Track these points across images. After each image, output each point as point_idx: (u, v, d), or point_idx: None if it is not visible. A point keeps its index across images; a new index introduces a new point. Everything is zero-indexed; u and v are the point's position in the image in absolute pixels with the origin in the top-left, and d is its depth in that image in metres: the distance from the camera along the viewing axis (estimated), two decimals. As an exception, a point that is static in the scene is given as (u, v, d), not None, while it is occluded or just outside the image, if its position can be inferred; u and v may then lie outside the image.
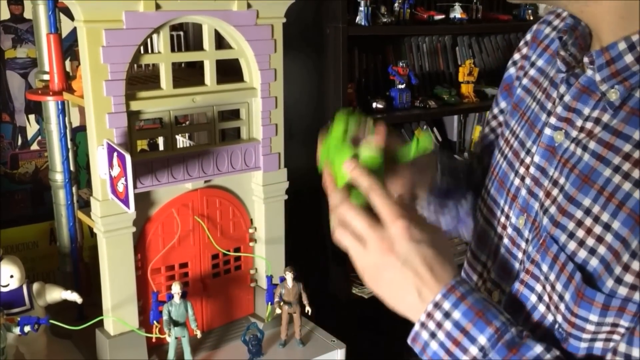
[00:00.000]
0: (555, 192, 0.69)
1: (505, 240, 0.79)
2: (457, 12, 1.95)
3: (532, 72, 0.86)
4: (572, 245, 0.65)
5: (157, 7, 1.17)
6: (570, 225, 0.66)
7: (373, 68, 2.06)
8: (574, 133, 0.70)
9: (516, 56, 0.95)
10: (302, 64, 1.75)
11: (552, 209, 0.69)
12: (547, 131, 0.73)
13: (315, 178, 1.83)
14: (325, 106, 1.76)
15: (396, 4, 1.85)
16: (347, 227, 0.71)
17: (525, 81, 0.87)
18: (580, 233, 0.65)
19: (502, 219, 0.80)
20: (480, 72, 2.15)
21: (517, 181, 0.78)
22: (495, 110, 0.99)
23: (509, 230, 0.78)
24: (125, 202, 1.09)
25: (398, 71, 1.89)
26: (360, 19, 1.71)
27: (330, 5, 1.65)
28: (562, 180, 0.69)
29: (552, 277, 0.67)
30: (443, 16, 1.91)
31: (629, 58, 0.64)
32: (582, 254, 0.64)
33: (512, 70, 0.96)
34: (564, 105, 0.72)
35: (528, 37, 0.92)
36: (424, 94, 2.08)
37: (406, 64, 1.91)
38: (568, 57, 0.74)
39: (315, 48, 1.74)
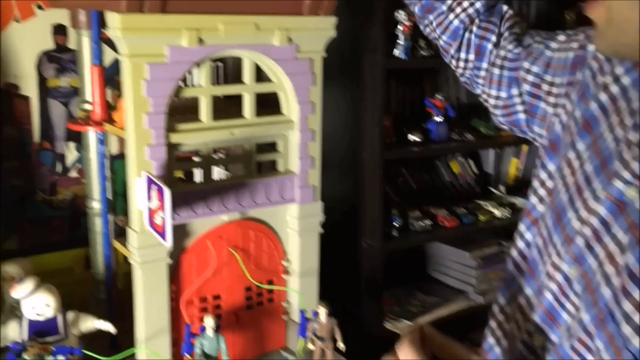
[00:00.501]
0: (620, 259, 0.63)
1: (554, 286, 0.73)
2: (497, 46, 1.94)
3: (613, 88, 0.72)
4: (626, 330, 0.60)
5: (200, 41, 1.18)
6: (627, 306, 0.60)
7: (409, 99, 2.05)
8: None
9: (591, 47, 0.80)
10: (338, 94, 1.75)
11: (616, 281, 0.63)
12: (618, 183, 0.66)
13: (348, 208, 1.83)
14: (361, 137, 1.75)
15: (435, 37, 1.85)
16: None
17: (603, 97, 0.73)
18: (637, 317, 0.59)
19: (555, 258, 0.74)
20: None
21: (575, 223, 0.71)
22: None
23: (559, 276, 0.72)
24: (163, 235, 1.09)
25: (435, 104, 1.87)
26: (399, 52, 1.70)
27: (369, 38, 1.65)
28: (627, 248, 0.63)
29: (606, 357, 0.62)
30: (483, 50, 1.89)
31: None
32: (636, 342, 0.59)
33: (572, 53, 0.83)
34: None
35: None
36: (461, 126, 2.06)
37: (443, 97, 1.89)
38: None
39: (351, 79, 1.74)
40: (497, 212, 2.08)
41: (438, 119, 1.90)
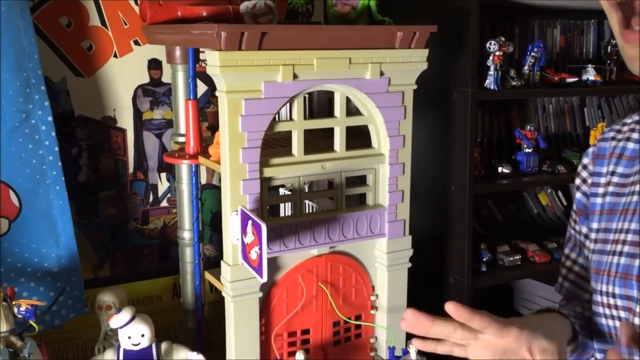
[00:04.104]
0: None
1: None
2: (591, 75, 1.86)
3: (615, 179, 0.93)
4: None
5: (295, 77, 1.19)
6: None
7: (497, 129, 1.99)
8: None
9: (577, 181, 1.00)
10: (424, 125, 1.72)
11: None
12: None
13: (432, 240, 1.79)
14: (448, 169, 1.71)
15: (526, 67, 1.79)
16: None
17: (611, 188, 0.93)
18: None
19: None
20: (612, 135, 2.03)
21: None
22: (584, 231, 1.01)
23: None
24: (258, 270, 1.09)
25: (526, 135, 1.82)
26: (489, 82, 1.66)
27: (458, 70, 1.62)
28: None
29: None
30: (576, 79, 1.82)
31: None
32: None
33: (579, 195, 1.00)
34: None
35: (586, 160, 0.99)
36: (551, 157, 1.99)
37: (534, 127, 1.83)
38: None
39: (438, 110, 1.71)
40: (591, 248, 1.98)
41: (528, 150, 1.83)
